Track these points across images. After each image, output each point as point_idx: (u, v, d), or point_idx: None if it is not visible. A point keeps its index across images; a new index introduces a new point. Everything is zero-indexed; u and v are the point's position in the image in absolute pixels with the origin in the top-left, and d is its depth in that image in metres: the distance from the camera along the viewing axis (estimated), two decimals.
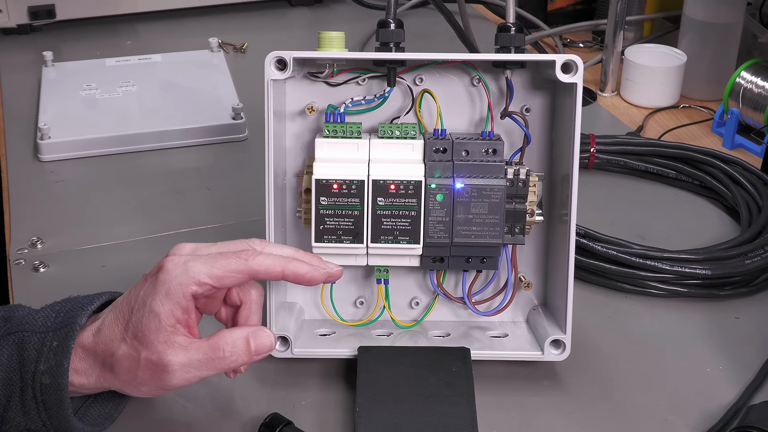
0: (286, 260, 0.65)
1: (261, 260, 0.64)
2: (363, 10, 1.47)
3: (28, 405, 0.63)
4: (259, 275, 0.65)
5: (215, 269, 0.63)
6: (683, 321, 0.82)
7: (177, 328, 0.62)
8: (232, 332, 0.64)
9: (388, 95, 0.74)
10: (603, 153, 1.02)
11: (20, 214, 0.96)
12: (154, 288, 0.62)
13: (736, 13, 1.18)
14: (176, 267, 0.63)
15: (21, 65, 1.29)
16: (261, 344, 0.65)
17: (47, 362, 0.62)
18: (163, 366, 0.62)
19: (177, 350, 0.62)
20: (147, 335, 0.62)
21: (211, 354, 0.63)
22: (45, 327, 0.64)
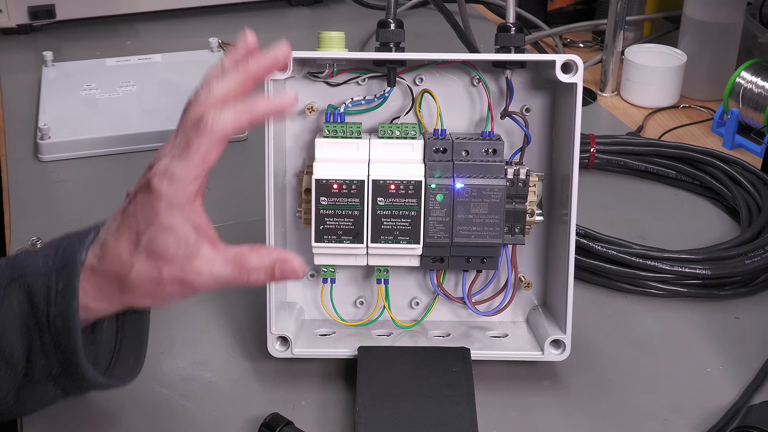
0: (247, 108, 0.62)
1: (223, 120, 0.61)
2: (363, 10, 1.47)
3: (48, 348, 0.63)
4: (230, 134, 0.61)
5: (193, 158, 0.61)
6: (683, 321, 0.82)
7: (198, 237, 0.61)
8: (260, 256, 0.63)
9: (388, 95, 0.74)
10: (603, 153, 1.02)
11: (20, 214, 0.96)
12: (152, 205, 0.61)
13: (736, 13, 1.18)
14: (161, 178, 0.60)
15: (21, 65, 1.29)
16: (286, 273, 0.64)
17: (57, 305, 0.61)
18: (189, 281, 0.62)
19: (202, 263, 0.61)
20: (166, 251, 0.61)
21: (235, 273, 0.62)
22: (47, 268, 0.62)
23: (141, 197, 0.61)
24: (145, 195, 0.61)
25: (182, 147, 0.61)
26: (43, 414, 0.69)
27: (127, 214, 0.62)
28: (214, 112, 0.61)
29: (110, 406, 0.71)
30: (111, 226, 0.63)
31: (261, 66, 0.64)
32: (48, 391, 0.65)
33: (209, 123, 0.61)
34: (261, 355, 0.75)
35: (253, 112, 0.62)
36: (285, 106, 0.64)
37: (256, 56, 0.64)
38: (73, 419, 0.70)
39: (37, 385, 0.65)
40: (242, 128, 0.62)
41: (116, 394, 0.72)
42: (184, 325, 0.80)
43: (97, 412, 0.71)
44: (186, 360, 0.76)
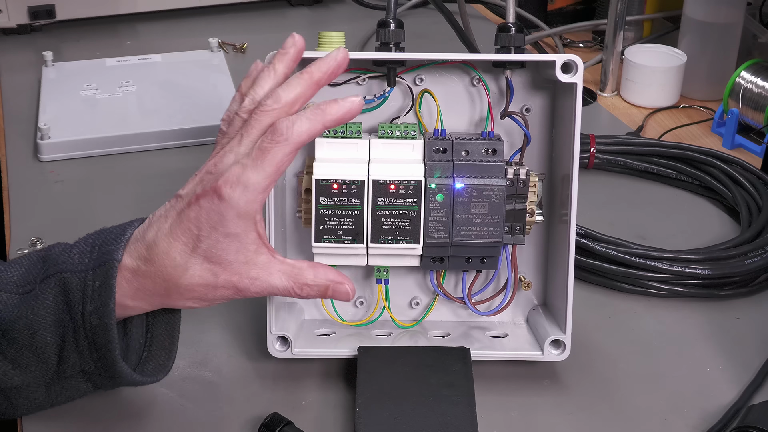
0: (320, 114, 0.63)
1: (298, 129, 0.61)
2: (363, 10, 1.47)
3: (81, 345, 0.63)
4: (305, 142, 0.62)
5: (268, 168, 0.61)
6: (683, 321, 0.82)
7: (259, 246, 0.63)
8: (316, 274, 0.65)
9: (388, 95, 0.74)
10: (603, 153, 1.02)
11: (20, 214, 0.96)
12: (220, 213, 0.61)
13: (736, 13, 1.18)
14: (234, 187, 0.61)
15: (21, 65, 1.29)
16: (338, 296, 0.66)
17: (93, 303, 0.62)
18: (243, 287, 0.63)
19: (258, 271, 0.63)
20: (225, 257, 0.62)
21: (291, 286, 0.64)
22: (83, 265, 0.63)
23: (206, 203, 0.61)
24: (212, 202, 0.61)
25: (255, 156, 0.61)
26: (43, 413, 0.69)
27: (187, 218, 0.62)
28: (288, 120, 0.62)
29: (110, 405, 0.71)
30: (162, 226, 0.63)
31: (324, 71, 0.64)
32: (79, 386, 0.67)
33: (284, 131, 0.61)
34: (261, 355, 0.75)
35: (326, 118, 0.63)
36: (355, 109, 0.64)
37: (318, 62, 0.65)
38: (73, 419, 0.70)
39: (68, 381, 0.66)
40: (316, 134, 0.63)
41: (116, 394, 0.72)
42: (184, 325, 0.80)
43: (97, 412, 0.71)
44: (186, 360, 0.76)
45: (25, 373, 0.64)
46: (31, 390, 0.65)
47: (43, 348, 0.63)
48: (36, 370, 0.64)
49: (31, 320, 0.62)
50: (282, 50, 0.66)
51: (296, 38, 0.66)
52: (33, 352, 0.63)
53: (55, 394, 0.66)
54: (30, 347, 0.63)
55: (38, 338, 0.63)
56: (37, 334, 0.62)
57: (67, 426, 0.70)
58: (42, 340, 0.63)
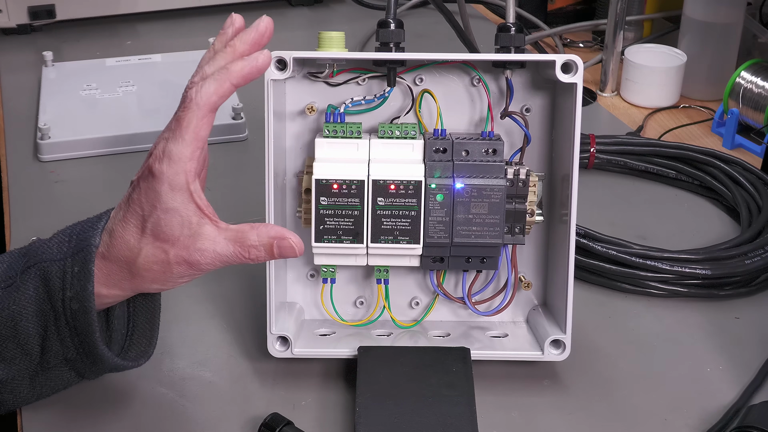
0: (224, 72, 0.63)
1: (206, 91, 0.62)
2: (363, 10, 1.47)
3: (63, 332, 0.64)
4: (216, 104, 0.63)
5: (186, 135, 0.62)
6: (683, 321, 0.82)
7: (200, 217, 0.63)
8: (259, 234, 0.64)
9: (388, 95, 0.74)
10: (603, 153, 1.02)
11: (20, 214, 0.96)
12: (155, 189, 0.62)
13: (736, 13, 1.18)
14: (161, 161, 0.62)
15: (21, 65, 1.29)
16: (285, 252, 0.65)
17: (72, 288, 0.63)
18: (195, 261, 0.63)
19: (205, 242, 0.63)
20: (171, 233, 0.62)
21: (236, 252, 0.63)
22: (62, 254, 0.64)
23: (143, 183, 0.63)
24: (147, 180, 0.63)
25: (174, 128, 0.63)
26: (43, 413, 0.70)
27: (132, 200, 0.63)
28: (196, 85, 0.63)
29: (110, 405, 0.71)
30: (117, 214, 0.65)
31: (246, 41, 0.65)
32: (63, 375, 0.67)
33: (193, 96, 0.62)
34: (261, 355, 0.75)
35: (232, 76, 0.63)
36: (261, 64, 0.64)
37: (241, 34, 0.66)
38: (74, 419, 0.70)
39: (51, 371, 0.67)
40: (225, 94, 0.63)
41: (116, 393, 0.72)
42: (184, 325, 0.80)
43: (97, 411, 0.71)
44: (186, 360, 0.76)
45: (9, 367, 0.65)
46: (16, 383, 0.66)
47: (26, 339, 0.64)
48: (20, 362, 0.65)
49: (13, 311, 0.63)
50: (222, 30, 0.67)
51: (234, 17, 0.67)
52: (16, 344, 0.64)
53: (40, 386, 0.67)
54: (13, 339, 0.64)
55: (21, 329, 0.64)
56: (19, 325, 0.64)
57: (66, 426, 0.70)
58: (24, 330, 0.64)
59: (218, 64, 0.64)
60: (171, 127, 0.63)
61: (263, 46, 0.66)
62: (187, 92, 0.63)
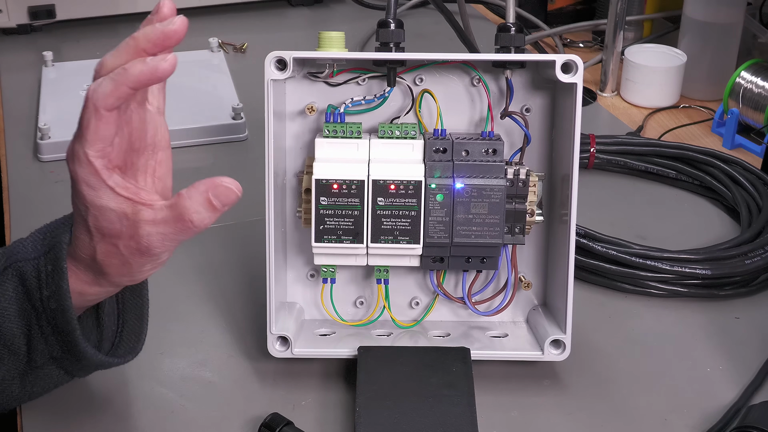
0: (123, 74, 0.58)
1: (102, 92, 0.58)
2: (363, 10, 1.47)
3: (46, 331, 0.64)
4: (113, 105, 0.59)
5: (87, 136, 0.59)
6: (683, 321, 0.82)
7: (134, 206, 0.60)
8: (191, 196, 0.59)
9: (388, 95, 0.74)
10: (603, 153, 1.02)
11: (20, 214, 0.96)
12: (78, 190, 0.61)
13: (736, 13, 1.18)
14: (72, 161, 0.60)
15: (21, 65, 1.29)
16: (224, 198, 0.59)
17: (48, 287, 0.62)
18: (145, 247, 0.60)
19: (147, 227, 0.60)
20: (112, 227, 0.60)
21: (179, 225, 0.60)
22: (36, 252, 0.64)
23: (72, 184, 0.61)
24: (73, 181, 0.61)
25: (78, 127, 0.60)
26: (43, 413, 0.70)
27: (72, 202, 0.62)
28: (95, 84, 0.59)
29: (110, 405, 0.71)
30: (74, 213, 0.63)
31: (150, 39, 0.60)
32: (52, 374, 0.67)
33: (91, 96, 0.59)
34: (261, 355, 0.75)
35: (129, 78, 0.58)
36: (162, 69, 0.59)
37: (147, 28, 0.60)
38: (74, 419, 0.70)
39: (40, 370, 0.66)
40: (122, 96, 0.59)
41: (116, 394, 0.72)
42: (184, 325, 0.80)
43: (97, 411, 0.71)
44: (186, 360, 0.76)
45: None
46: (6, 383, 0.66)
47: (12, 339, 0.64)
48: (8, 362, 0.65)
49: None
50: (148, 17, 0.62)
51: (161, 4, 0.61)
52: (3, 344, 0.64)
53: (31, 386, 0.67)
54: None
55: (5, 330, 0.63)
56: (3, 326, 0.63)
57: (66, 426, 0.70)
58: (9, 331, 0.63)
59: (119, 58, 0.60)
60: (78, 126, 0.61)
61: (171, 48, 0.60)
62: (88, 88, 0.59)
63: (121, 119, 0.61)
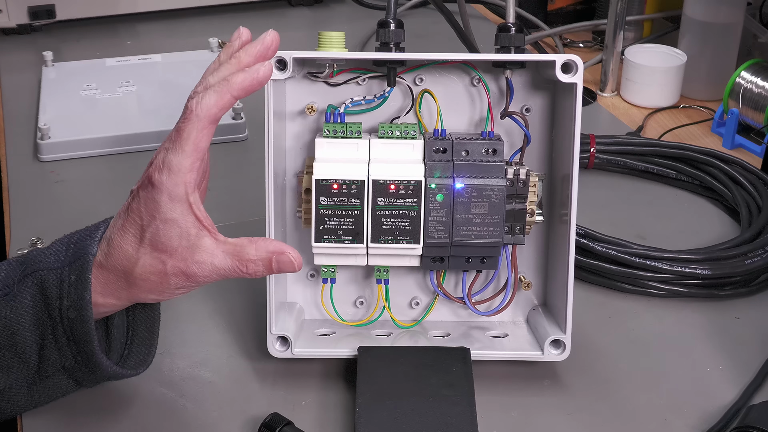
0: (225, 84, 0.63)
1: (206, 103, 0.62)
2: (363, 10, 1.47)
3: (60, 341, 0.64)
4: (217, 115, 0.63)
5: (186, 147, 0.62)
6: (683, 321, 0.82)
7: (199, 229, 0.63)
8: (257, 248, 0.64)
9: (388, 95, 0.74)
10: (603, 153, 1.02)
11: (20, 214, 0.96)
12: (155, 199, 0.62)
13: (736, 13, 1.18)
14: (161, 171, 0.62)
15: (21, 65, 1.29)
16: (284, 267, 0.64)
17: (69, 297, 0.63)
18: (192, 273, 0.63)
19: (204, 255, 0.63)
20: (169, 244, 0.62)
21: (234, 265, 0.63)
22: (59, 262, 0.64)
23: (143, 193, 0.63)
24: (147, 190, 0.63)
25: (174, 138, 0.63)
26: (43, 414, 0.70)
27: (131, 210, 0.64)
28: (197, 96, 0.63)
29: (111, 405, 0.71)
30: (116, 223, 0.65)
31: (251, 54, 0.65)
32: (61, 384, 0.67)
33: (193, 108, 0.62)
34: (261, 355, 0.75)
35: (232, 88, 0.63)
36: (262, 77, 0.64)
37: (247, 47, 0.65)
38: (74, 419, 0.70)
39: (49, 379, 0.67)
40: (225, 106, 0.63)
41: (116, 393, 0.72)
42: (184, 325, 0.80)
43: (97, 412, 0.71)
44: (186, 360, 0.76)
45: (6, 376, 0.65)
46: (14, 392, 0.66)
47: (23, 348, 0.64)
48: (17, 371, 0.65)
49: (10, 320, 0.63)
50: (228, 42, 0.67)
51: (241, 31, 0.67)
52: (13, 353, 0.64)
53: (38, 395, 0.67)
54: (10, 348, 0.64)
55: (18, 338, 0.64)
56: (16, 334, 0.64)
57: (66, 426, 0.70)
58: (21, 339, 0.64)
59: (221, 75, 0.64)
60: (171, 138, 0.63)
61: (268, 59, 0.65)
62: (188, 103, 0.63)
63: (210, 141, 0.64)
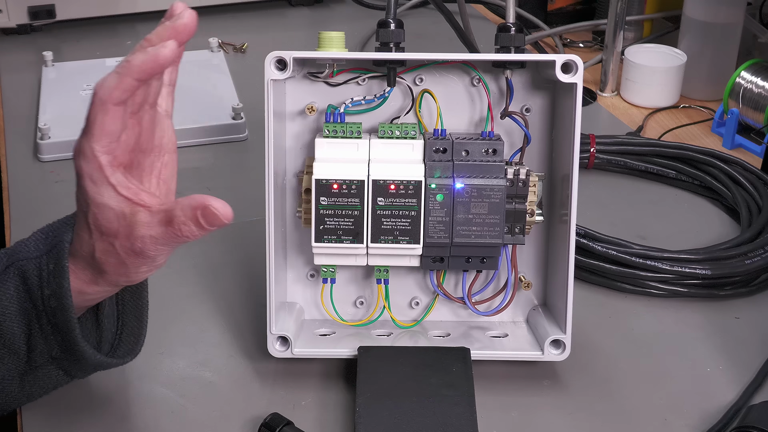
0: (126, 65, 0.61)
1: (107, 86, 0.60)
2: (363, 10, 1.47)
3: (45, 330, 0.64)
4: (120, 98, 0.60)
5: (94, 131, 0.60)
6: (683, 321, 0.82)
7: (132, 206, 0.61)
8: (182, 207, 0.60)
9: (388, 95, 0.74)
10: (603, 153, 1.02)
11: (20, 214, 0.96)
12: (81, 186, 0.61)
13: (736, 13, 1.18)
14: (78, 157, 0.61)
15: (21, 65, 1.29)
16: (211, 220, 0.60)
17: (50, 286, 0.63)
18: (139, 249, 0.61)
19: (142, 229, 0.61)
20: (110, 226, 0.61)
21: (169, 231, 0.60)
22: (38, 251, 0.64)
23: (77, 180, 0.62)
24: (77, 177, 0.62)
25: (85, 123, 0.61)
26: (42, 413, 0.70)
27: (76, 199, 0.63)
28: (101, 80, 0.61)
29: (110, 405, 0.71)
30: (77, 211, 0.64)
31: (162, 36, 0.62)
32: (51, 375, 0.67)
33: (97, 91, 0.60)
34: (261, 355, 0.75)
35: (132, 69, 0.60)
36: (162, 56, 0.60)
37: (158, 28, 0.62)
38: (73, 419, 0.70)
39: (39, 370, 0.66)
40: (128, 88, 0.60)
41: (116, 393, 0.72)
42: (184, 325, 0.80)
43: (97, 411, 0.71)
44: (186, 360, 0.76)
45: None
46: (6, 383, 0.66)
47: (12, 338, 0.64)
48: (8, 361, 0.65)
49: None
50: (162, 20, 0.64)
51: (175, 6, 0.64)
52: (2, 343, 0.64)
53: (30, 386, 0.67)
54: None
55: (5, 329, 0.64)
56: (3, 325, 0.63)
57: (66, 426, 0.70)
58: (9, 330, 0.64)
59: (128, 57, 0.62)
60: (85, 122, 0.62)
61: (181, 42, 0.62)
62: (95, 85, 0.61)
63: (134, 118, 0.62)
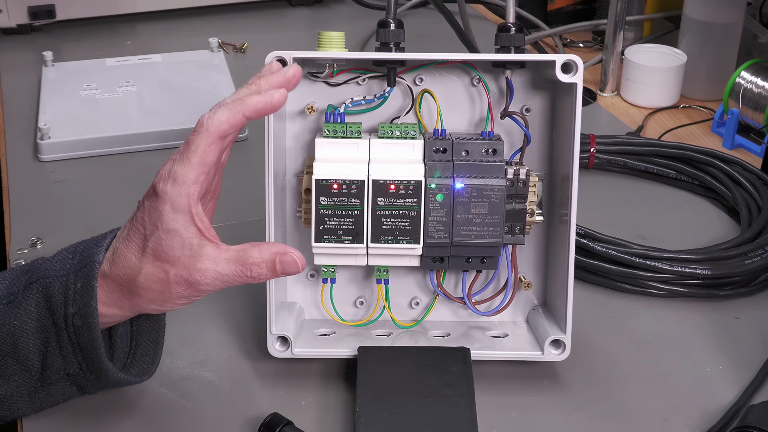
0: (239, 103, 0.64)
1: (218, 118, 0.63)
2: (363, 10, 1.47)
3: (65, 348, 0.65)
4: (226, 132, 0.64)
5: (193, 159, 0.63)
6: (683, 321, 0.82)
7: (201, 239, 0.63)
8: (261, 251, 0.64)
9: (388, 95, 0.74)
10: (603, 153, 1.02)
11: (20, 214, 0.96)
12: (158, 209, 0.63)
13: (736, 13, 1.18)
14: (165, 181, 0.63)
15: (21, 65, 1.29)
16: (287, 268, 0.65)
17: (75, 304, 0.64)
18: (195, 281, 0.63)
19: (207, 262, 0.63)
20: (171, 253, 0.63)
21: (239, 270, 0.64)
22: (65, 270, 0.65)
23: (148, 202, 0.64)
24: (151, 200, 0.63)
25: (182, 150, 0.64)
26: (43, 414, 0.69)
27: (136, 219, 0.64)
28: (209, 111, 0.64)
29: (110, 405, 0.71)
30: (122, 233, 0.65)
31: (271, 83, 0.66)
32: (64, 390, 0.68)
33: (204, 122, 0.63)
34: (261, 355, 0.75)
35: (245, 107, 0.64)
36: (276, 102, 0.64)
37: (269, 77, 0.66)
38: (74, 419, 0.70)
39: (52, 386, 0.67)
40: (236, 124, 0.64)
41: (116, 393, 0.72)
42: (184, 325, 0.80)
43: (97, 411, 0.71)
44: (186, 360, 0.76)
45: (8, 383, 0.65)
46: (15, 399, 0.66)
47: (26, 355, 0.64)
48: (19, 378, 0.65)
49: (14, 327, 0.64)
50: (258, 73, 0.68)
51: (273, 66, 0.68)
52: (16, 360, 0.64)
53: (39, 401, 0.68)
54: (13, 355, 0.64)
55: (21, 345, 0.64)
56: (19, 341, 0.64)
57: (66, 426, 0.70)
58: (24, 346, 0.64)
59: (238, 95, 0.65)
60: (180, 150, 0.64)
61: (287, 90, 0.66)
62: (201, 117, 0.64)
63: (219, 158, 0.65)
